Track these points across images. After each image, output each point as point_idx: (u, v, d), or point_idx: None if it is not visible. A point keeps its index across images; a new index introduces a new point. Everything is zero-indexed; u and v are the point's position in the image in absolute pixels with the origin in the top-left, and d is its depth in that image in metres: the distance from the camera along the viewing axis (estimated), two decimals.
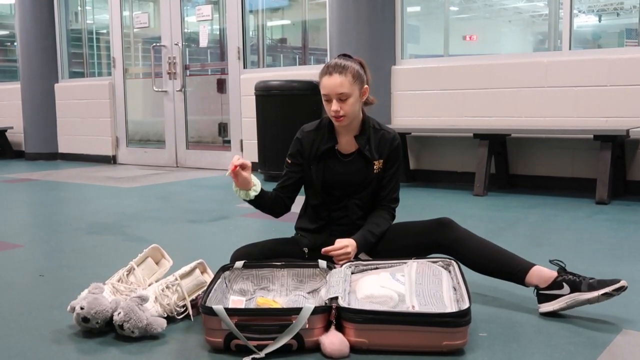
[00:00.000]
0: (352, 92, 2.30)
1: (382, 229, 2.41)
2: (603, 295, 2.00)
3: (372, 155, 2.40)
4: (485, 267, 2.25)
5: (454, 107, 5.33)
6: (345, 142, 2.43)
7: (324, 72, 2.32)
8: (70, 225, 3.95)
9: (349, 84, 2.28)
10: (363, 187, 2.43)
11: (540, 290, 2.12)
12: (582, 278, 2.06)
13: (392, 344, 1.82)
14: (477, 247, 2.26)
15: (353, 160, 2.43)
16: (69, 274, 2.81)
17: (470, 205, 4.40)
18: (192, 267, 2.22)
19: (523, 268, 2.17)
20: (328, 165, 2.42)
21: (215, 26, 7.41)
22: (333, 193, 2.44)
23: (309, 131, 2.45)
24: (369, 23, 5.48)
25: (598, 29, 9.77)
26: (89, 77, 8.52)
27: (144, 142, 8.06)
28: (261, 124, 5.76)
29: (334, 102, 2.29)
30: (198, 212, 4.34)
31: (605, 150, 4.37)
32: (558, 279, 2.08)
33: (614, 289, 1.99)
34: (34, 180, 6.37)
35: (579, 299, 2.03)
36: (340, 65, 2.30)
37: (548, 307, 2.09)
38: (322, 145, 2.41)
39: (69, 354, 1.88)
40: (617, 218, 3.85)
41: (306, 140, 2.44)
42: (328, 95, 2.30)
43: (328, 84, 2.29)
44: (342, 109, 2.29)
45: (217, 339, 1.84)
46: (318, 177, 2.42)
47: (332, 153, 2.43)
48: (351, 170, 2.42)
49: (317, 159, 2.42)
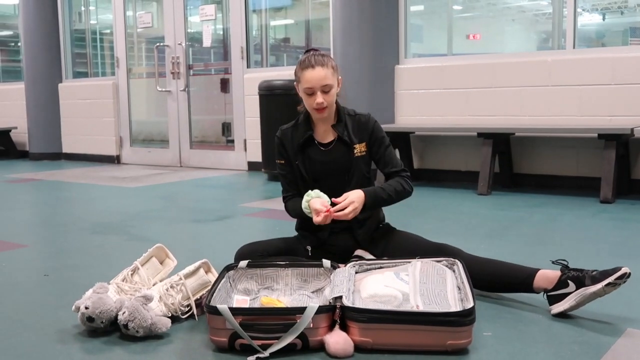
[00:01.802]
0: (334, 83, 2.38)
1: (394, 187, 2.42)
2: (607, 285, 1.98)
3: (351, 140, 2.45)
4: (494, 285, 2.26)
5: (458, 106, 5.32)
6: (324, 132, 2.49)
7: (305, 66, 2.36)
8: (74, 225, 3.96)
9: (331, 75, 2.36)
10: (349, 173, 2.45)
11: (548, 293, 2.11)
12: (585, 272, 2.06)
13: (397, 343, 1.82)
14: (482, 268, 2.25)
15: (333, 148, 2.48)
16: (73, 273, 2.81)
17: (474, 204, 4.40)
18: (197, 266, 2.23)
19: (529, 275, 2.16)
20: (310, 157, 2.47)
21: (219, 26, 7.42)
22: (325, 185, 2.44)
23: (286, 128, 2.54)
24: (372, 22, 5.48)
25: (602, 28, 9.75)
26: (92, 77, 8.53)
27: (147, 142, 8.07)
28: (265, 123, 5.76)
29: (318, 95, 2.34)
30: (202, 212, 4.34)
31: (609, 149, 4.36)
32: (562, 277, 2.08)
33: (617, 277, 1.98)
34: (38, 180, 6.39)
35: (586, 293, 2.02)
36: (321, 59, 2.36)
37: (559, 308, 2.08)
38: (300, 137, 2.47)
39: (74, 354, 1.89)
40: (622, 217, 3.84)
41: (285, 137, 2.52)
42: (312, 89, 2.35)
43: (312, 77, 2.33)
44: (325, 100, 2.35)
45: (221, 339, 1.84)
46: (305, 169, 2.47)
47: (312, 144, 2.48)
48: (333, 157, 2.46)
49: (300, 152, 2.47)
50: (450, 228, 3.63)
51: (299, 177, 2.50)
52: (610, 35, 9.82)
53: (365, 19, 5.47)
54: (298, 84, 2.41)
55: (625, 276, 1.98)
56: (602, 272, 2.03)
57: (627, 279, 1.99)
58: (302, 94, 2.41)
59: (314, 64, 2.34)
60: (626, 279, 1.99)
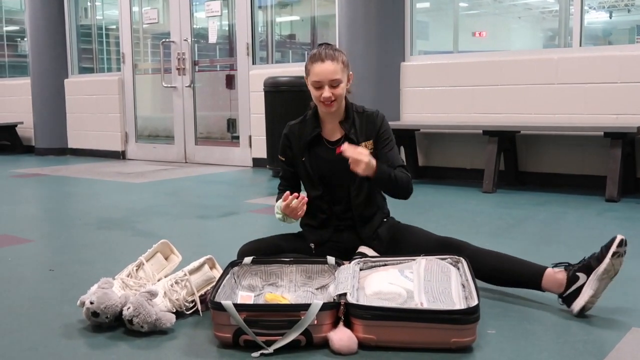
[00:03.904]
0: (343, 78, 2.36)
1: (398, 174, 2.37)
2: (613, 257, 1.99)
3: (357, 138, 2.42)
4: (500, 279, 2.25)
5: (463, 104, 5.31)
6: (331, 129, 2.46)
7: (315, 59, 2.34)
8: (79, 220, 3.97)
9: (340, 70, 2.34)
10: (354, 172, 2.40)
11: (563, 296, 2.09)
12: (587, 259, 2.07)
13: (401, 340, 1.82)
14: (488, 261, 2.24)
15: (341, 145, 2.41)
16: (78, 268, 2.82)
17: (479, 202, 4.39)
18: (201, 262, 2.23)
19: (536, 272, 2.15)
20: (318, 155, 2.46)
21: (225, 22, 7.41)
22: (330, 183, 2.44)
23: (294, 124, 2.51)
24: (378, 19, 5.47)
25: (609, 26, 9.72)
26: (98, 72, 8.55)
27: (153, 138, 8.07)
28: (270, 120, 5.76)
29: (326, 89, 2.32)
30: (207, 208, 4.35)
31: (615, 148, 4.34)
32: (570, 273, 2.07)
33: (617, 245, 2.00)
34: (44, 175, 6.40)
35: (598, 274, 2.01)
36: (331, 52, 2.34)
37: (579, 303, 2.04)
38: (308, 135, 2.45)
39: (79, 348, 1.89)
40: (627, 216, 3.83)
41: (292, 134, 2.49)
42: (320, 82, 2.32)
43: (322, 70, 2.32)
44: (333, 94, 2.33)
45: (225, 335, 1.85)
46: (313, 168, 2.45)
47: (319, 142, 2.46)
48: (339, 156, 2.38)
49: (307, 150, 2.45)
50: (454, 226, 3.62)
51: (303, 174, 2.49)
52: (617, 33, 9.80)
53: (371, 15, 5.46)
54: (307, 77, 2.39)
55: (623, 243, 2.01)
56: (601, 248, 2.05)
57: (627, 246, 2.01)
58: (310, 87, 2.38)
59: (324, 58, 2.32)
60: (625, 246, 2.01)
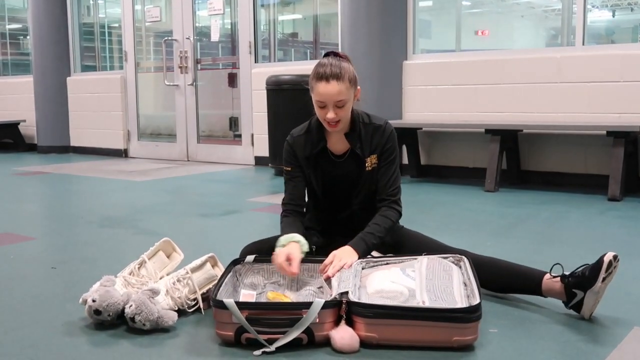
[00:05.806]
0: (349, 97, 2.21)
1: (384, 227, 2.29)
2: (604, 281, 1.96)
3: (362, 153, 2.33)
4: (502, 286, 2.24)
5: (466, 103, 5.31)
6: (336, 141, 2.36)
7: (320, 78, 2.18)
8: (82, 218, 3.98)
9: (346, 90, 2.18)
10: (357, 187, 2.37)
11: (569, 305, 2.08)
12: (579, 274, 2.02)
13: (402, 339, 1.82)
14: (488, 271, 2.21)
15: (346, 160, 2.36)
16: (81, 266, 2.83)
17: (481, 201, 4.39)
18: (203, 260, 2.23)
19: (535, 278, 2.14)
20: (323, 169, 2.37)
21: (227, 20, 7.41)
22: (334, 196, 2.40)
23: (299, 135, 2.38)
24: (380, 17, 5.46)
25: (612, 24, 9.71)
26: (101, 70, 8.55)
27: (155, 136, 8.08)
28: (272, 118, 5.76)
29: (331, 110, 2.19)
30: (209, 206, 4.35)
31: (618, 147, 4.34)
32: (567, 290, 2.05)
33: (606, 270, 1.94)
34: (46, 173, 6.41)
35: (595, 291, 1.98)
36: (336, 71, 2.17)
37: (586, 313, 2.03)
38: (314, 148, 2.34)
39: (81, 346, 1.90)
40: (630, 215, 3.83)
41: (297, 144, 2.37)
42: (324, 102, 2.19)
43: (326, 91, 2.17)
44: (338, 114, 2.20)
45: (227, 333, 1.85)
46: (317, 180, 2.38)
47: (325, 155, 2.37)
48: (344, 171, 2.35)
49: (312, 164, 2.36)
50: (456, 225, 3.62)
51: (307, 185, 2.43)
52: (620, 32, 9.78)
53: (374, 14, 5.45)
54: (311, 92, 2.24)
55: (611, 265, 1.95)
56: (590, 269, 1.99)
57: (618, 262, 1.96)
58: (314, 104, 2.25)
59: (329, 77, 2.16)
60: (616, 263, 1.96)
